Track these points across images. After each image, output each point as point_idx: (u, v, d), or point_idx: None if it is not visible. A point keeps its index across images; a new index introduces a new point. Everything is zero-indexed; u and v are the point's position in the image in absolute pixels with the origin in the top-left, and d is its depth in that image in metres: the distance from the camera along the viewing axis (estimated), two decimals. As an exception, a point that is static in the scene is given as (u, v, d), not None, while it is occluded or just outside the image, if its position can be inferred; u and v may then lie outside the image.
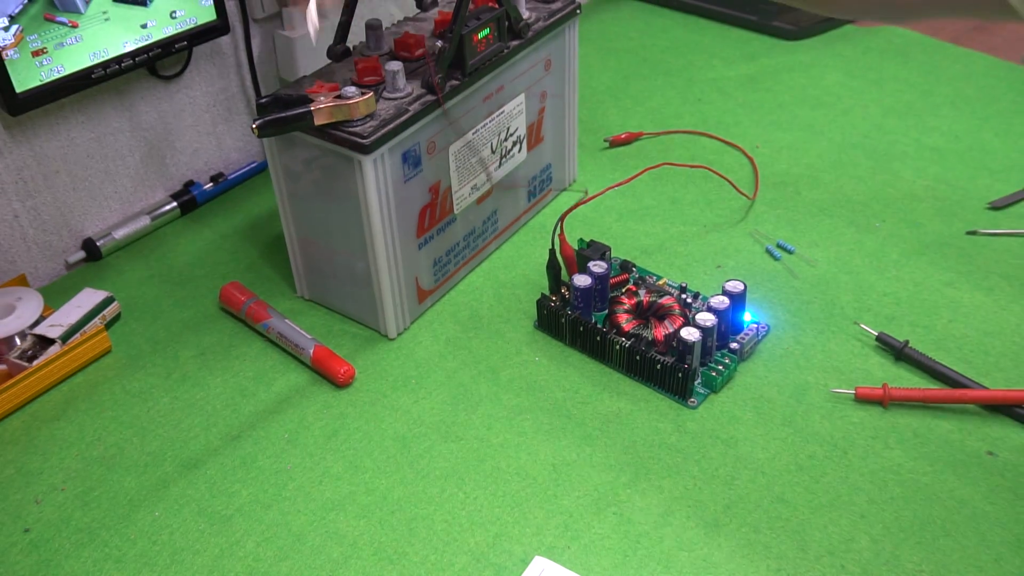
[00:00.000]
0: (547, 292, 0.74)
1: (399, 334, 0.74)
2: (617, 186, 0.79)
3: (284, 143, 0.69)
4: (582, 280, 0.69)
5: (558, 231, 0.71)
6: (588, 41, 1.18)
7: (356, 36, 0.76)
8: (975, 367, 0.68)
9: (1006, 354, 0.69)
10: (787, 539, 0.57)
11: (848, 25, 1.19)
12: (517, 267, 0.81)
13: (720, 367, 0.68)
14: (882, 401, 0.66)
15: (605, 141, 0.97)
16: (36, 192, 0.80)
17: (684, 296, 0.73)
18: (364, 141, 0.63)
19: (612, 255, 0.72)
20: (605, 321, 0.71)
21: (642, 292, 0.70)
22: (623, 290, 0.72)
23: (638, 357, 0.67)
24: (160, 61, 0.83)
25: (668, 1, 1.26)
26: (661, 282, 0.76)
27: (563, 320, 0.71)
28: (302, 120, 0.63)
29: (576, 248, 0.72)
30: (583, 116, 0.97)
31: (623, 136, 0.97)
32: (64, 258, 0.84)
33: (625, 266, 0.77)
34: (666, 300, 0.69)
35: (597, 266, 0.70)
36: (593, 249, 0.71)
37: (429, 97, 0.68)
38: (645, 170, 0.76)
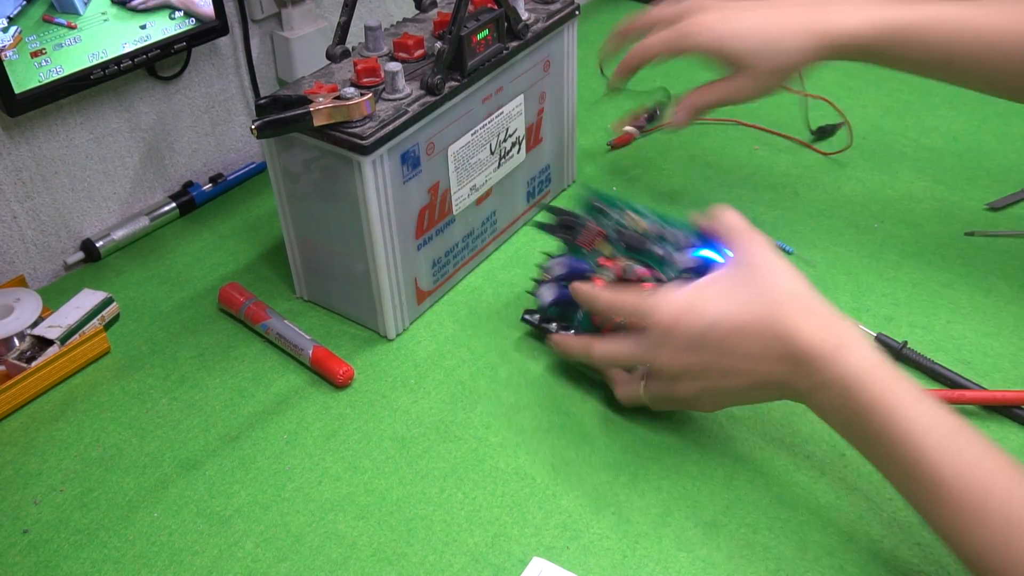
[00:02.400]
0: None
1: (398, 335, 0.74)
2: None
3: (283, 144, 0.69)
4: (547, 294, 0.67)
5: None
6: (587, 42, 1.18)
7: (355, 37, 0.76)
8: (974, 368, 0.68)
9: (1005, 355, 0.69)
10: (786, 539, 0.57)
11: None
12: (516, 267, 0.81)
13: None
14: (881, 401, 0.66)
15: (608, 145, 0.97)
16: (35, 193, 0.80)
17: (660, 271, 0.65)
18: (363, 142, 0.63)
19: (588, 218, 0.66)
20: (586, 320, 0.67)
21: (613, 271, 0.64)
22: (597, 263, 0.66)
23: None
24: (159, 62, 0.83)
25: (667, 2, 1.26)
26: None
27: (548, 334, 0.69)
28: (301, 121, 0.63)
29: (540, 222, 0.68)
30: (582, 117, 0.97)
31: (624, 137, 0.97)
32: (63, 259, 0.84)
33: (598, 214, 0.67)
34: (641, 271, 0.64)
35: (560, 265, 0.66)
36: (561, 224, 0.66)
37: (428, 98, 0.68)
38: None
